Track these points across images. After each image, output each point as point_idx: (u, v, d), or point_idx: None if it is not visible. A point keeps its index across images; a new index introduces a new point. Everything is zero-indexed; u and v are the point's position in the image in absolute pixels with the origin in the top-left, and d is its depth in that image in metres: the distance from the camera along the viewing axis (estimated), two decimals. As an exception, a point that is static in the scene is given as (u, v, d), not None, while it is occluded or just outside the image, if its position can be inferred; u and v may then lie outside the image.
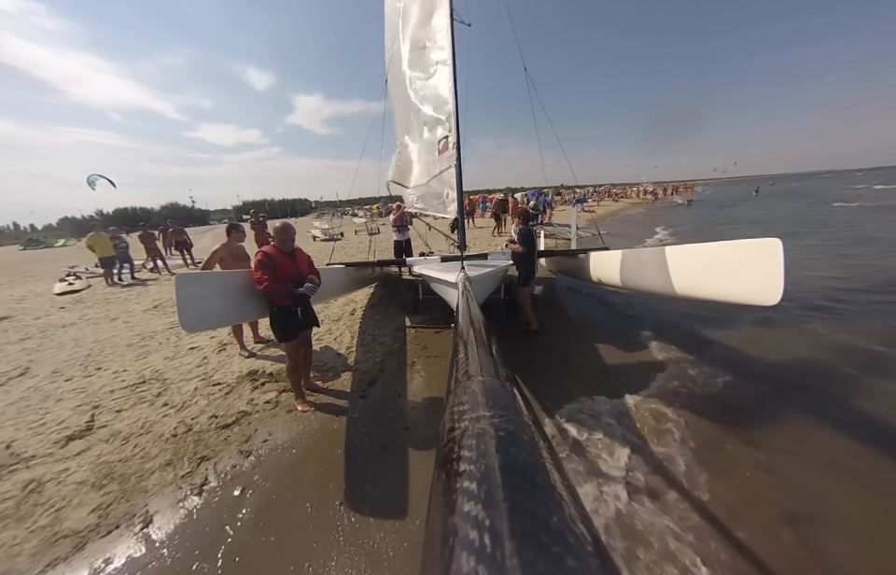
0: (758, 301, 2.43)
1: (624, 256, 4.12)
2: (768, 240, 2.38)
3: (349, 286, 5.45)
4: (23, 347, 4.84)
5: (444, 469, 0.59)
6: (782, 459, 2.33)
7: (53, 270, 12.45)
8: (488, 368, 0.97)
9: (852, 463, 2.29)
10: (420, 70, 4.78)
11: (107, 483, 2.35)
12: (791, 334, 4.15)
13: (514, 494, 0.46)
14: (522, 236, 4.42)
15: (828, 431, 2.58)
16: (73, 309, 6.83)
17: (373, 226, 17.75)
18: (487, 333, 1.37)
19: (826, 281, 5.92)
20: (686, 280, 3.09)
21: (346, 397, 3.30)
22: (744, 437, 2.53)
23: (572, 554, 0.38)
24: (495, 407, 0.72)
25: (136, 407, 3.20)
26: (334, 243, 11.77)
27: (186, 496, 2.26)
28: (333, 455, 2.57)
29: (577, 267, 5.51)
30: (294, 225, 3.12)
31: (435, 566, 0.42)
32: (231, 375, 3.67)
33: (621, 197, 41.16)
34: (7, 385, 3.73)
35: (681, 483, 2.17)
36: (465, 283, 2.90)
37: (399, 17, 5.35)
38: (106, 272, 9.18)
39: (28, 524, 2.08)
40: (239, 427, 2.88)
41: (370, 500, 2.17)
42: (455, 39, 4.00)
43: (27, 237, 54.35)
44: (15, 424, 3.01)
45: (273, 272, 2.79)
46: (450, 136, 3.70)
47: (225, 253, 3.88)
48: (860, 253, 7.85)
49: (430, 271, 4.30)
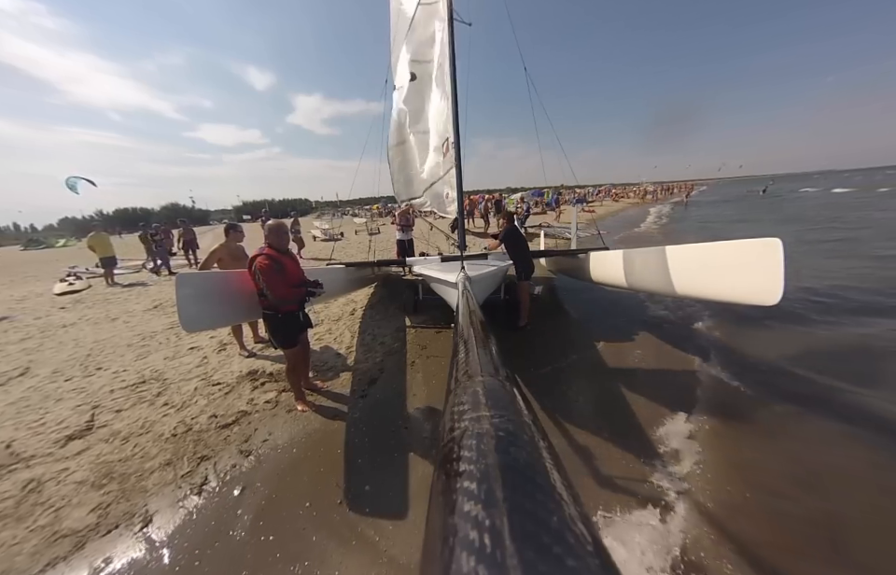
0: (758, 300, 2.43)
1: (625, 255, 4.12)
2: (768, 240, 2.39)
3: (349, 286, 5.45)
4: (23, 347, 4.84)
5: (444, 469, 0.59)
6: (782, 456, 2.34)
7: (53, 270, 12.46)
8: (488, 368, 0.97)
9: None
10: (421, 70, 4.78)
11: (107, 483, 2.35)
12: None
13: (514, 494, 0.46)
14: (505, 235, 4.50)
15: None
16: (73, 309, 6.84)
17: (373, 226, 17.77)
18: (487, 333, 1.37)
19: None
20: (686, 280, 3.09)
21: (346, 397, 3.30)
22: (744, 432, 2.54)
23: (572, 554, 0.38)
24: (495, 407, 0.72)
25: (136, 407, 3.20)
26: (334, 243, 11.78)
27: (185, 495, 2.26)
28: (333, 455, 2.56)
29: (577, 267, 5.52)
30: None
31: (435, 565, 0.41)
32: (231, 375, 3.67)
33: (621, 197, 41.23)
34: (7, 385, 3.73)
35: (684, 485, 2.18)
36: (465, 283, 2.90)
37: (399, 16, 5.36)
38: (107, 272, 9.19)
39: (28, 523, 2.08)
40: (239, 427, 2.88)
41: (370, 500, 2.17)
42: (455, 39, 4.00)
43: (27, 237, 54.39)
44: (15, 424, 3.01)
45: (283, 276, 2.67)
46: (450, 137, 3.70)
47: (223, 253, 3.88)
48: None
49: (430, 271, 4.30)
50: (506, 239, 4.47)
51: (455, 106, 3.77)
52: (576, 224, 9.29)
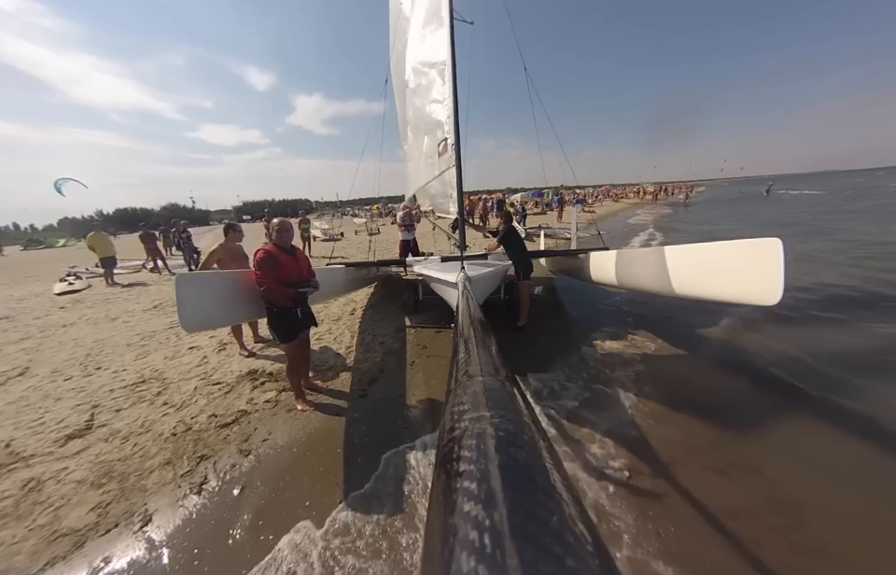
0: (758, 300, 2.43)
1: (624, 256, 4.12)
2: (768, 240, 2.38)
3: (349, 286, 5.45)
4: (23, 347, 4.84)
5: (444, 468, 0.59)
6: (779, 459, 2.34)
7: (54, 270, 12.46)
8: (488, 368, 0.97)
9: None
10: (421, 69, 4.77)
11: (106, 482, 2.35)
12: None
13: (514, 494, 0.46)
14: (502, 235, 4.50)
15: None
16: (73, 309, 6.84)
17: (373, 226, 17.77)
18: (487, 333, 1.37)
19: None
20: (686, 280, 3.09)
21: (346, 396, 3.30)
22: (737, 434, 2.54)
23: (572, 554, 0.38)
24: (495, 407, 0.72)
25: (136, 406, 3.20)
26: (334, 243, 11.78)
27: (185, 495, 2.26)
28: (333, 455, 2.56)
29: (577, 267, 5.52)
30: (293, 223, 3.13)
31: (435, 565, 0.42)
32: (231, 375, 3.67)
33: (621, 197, 41.26)
34: (6, 385, 3.73)
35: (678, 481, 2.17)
36: (465, 283, 2.90)
37: (400, 16, 5.36)
38: (106, 271, 9.18)
39: (27, 522, 2.08)
40: (238, 427, 2.88)
41: (369, 500, 2.17)
42: (455, 38, 4.00)
43: (27, 237, 54.37)
44: (14, 423, 3.01)
45: (276, 272, 2.76)
46: (449, 138, 3.70)
47: (222, 253, 3.88)
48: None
49: (430, 271, 4.30)
50: (504, 239, 4.47)
51: (456, 106, 3.77)
52: (576, 224, 9.29)
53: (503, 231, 4.52)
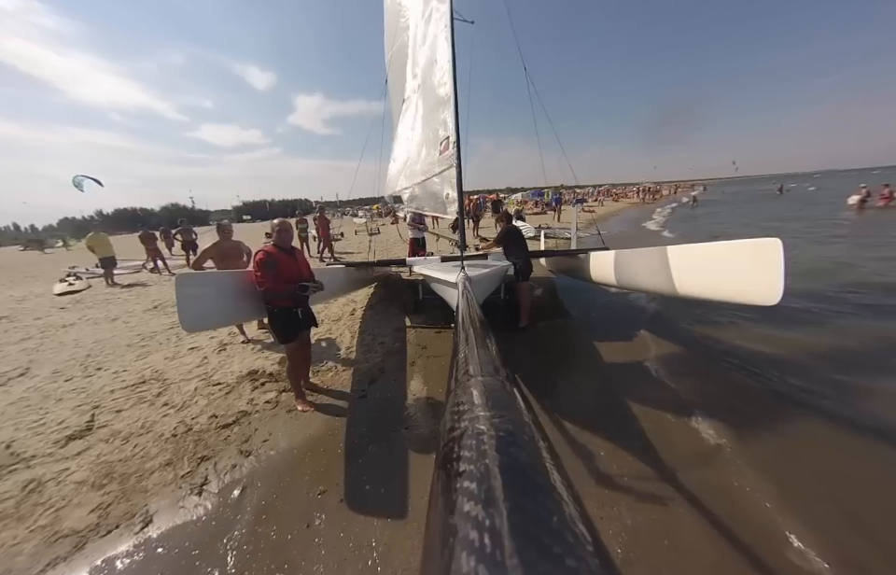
0: (758, 301, 2.43)
1: (624, 255, 4.11)
2: (768, 240, 2.38)
3: (349, 286, 5.45)
4: (23, 347, 4.84)
5: (444, 468, 0.59)
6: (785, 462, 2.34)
7: (54, 270, 12.46)
8: (488, 368, 0.97)
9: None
10: (420, 69, 4.77)
11: (107, 483, 2.35)
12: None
13: (514, 494, 0.46)
14: (502, 236, 4.49)
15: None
16: (73, 309, 6.84)
17: (373, 226, 17.75)
18: (487, 333, 1.37)
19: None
20: (686, 280, 3.09)
21: (346, 396, 3.30)
22: (737, 435, 2.54)
23: (572, 554, 0.38)
24: (495, 407, 0.72)
25: (136, 407, 3.20)
26: (334, 242, 11.78)
27: (186, 495, 2.26)
28: (333, 455, 2.57)
29: (577, 267, 5.52)
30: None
31: (435, 565, 0.42)
32: (231, 375, 3.67)
33: (621, 197, 41.27)
34: (7, 385, 3.73)
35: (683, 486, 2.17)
36: (465, 283, 2.90)
37: (397, 15, 5.35)
38: (106, 272, 9.19)
39: (28, 523, 2.08)
40: (239, 427, 2.88)
41: (369, 499, 2.17)
42: (455, 37, 4.00)
43: (27, 237, 54.35)
44: (15, 424, 3.01)
45: (275, 271, 2.77)
46: (450, 136, 3.70)
47: (214, 252, 3.92)
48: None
49: (430, 271, 4.29)
50: (504, 239, 4.47)
51: (456, 106, 3.77)
52: (576, 224, 9.29)
53: (501, 232, 4.52)
